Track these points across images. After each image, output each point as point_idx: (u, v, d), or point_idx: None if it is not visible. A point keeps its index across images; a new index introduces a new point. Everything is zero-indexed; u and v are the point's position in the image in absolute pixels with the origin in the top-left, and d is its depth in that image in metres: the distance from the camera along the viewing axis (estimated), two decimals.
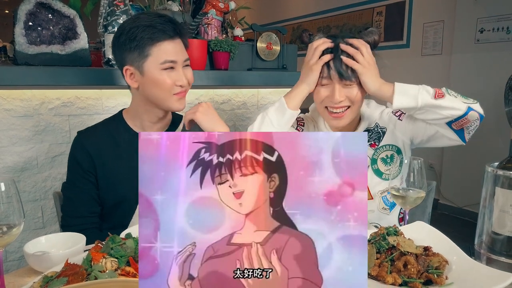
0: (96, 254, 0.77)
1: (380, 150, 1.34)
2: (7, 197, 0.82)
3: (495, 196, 0.95)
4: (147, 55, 1.18)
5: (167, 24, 1.18)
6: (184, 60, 1.23)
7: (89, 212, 1.25)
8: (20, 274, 0.95)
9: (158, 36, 1.17)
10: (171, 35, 1.19)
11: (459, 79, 3.94)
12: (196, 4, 2.18)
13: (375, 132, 1.36)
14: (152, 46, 1.17)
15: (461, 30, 3.89)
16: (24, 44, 1.58)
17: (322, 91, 1.24)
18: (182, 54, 1.22)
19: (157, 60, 1.18)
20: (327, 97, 1.23)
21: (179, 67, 1.21)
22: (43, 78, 1.55)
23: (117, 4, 1.70)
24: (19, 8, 1.57)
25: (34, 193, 1.75)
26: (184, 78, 1.22)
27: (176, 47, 1.20)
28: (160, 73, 1.19)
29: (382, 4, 4.75)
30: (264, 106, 2.32)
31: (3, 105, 1.65)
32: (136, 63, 1.19)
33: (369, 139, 1.36)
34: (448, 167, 4.11)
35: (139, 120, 1.31)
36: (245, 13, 2.65)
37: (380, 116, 1.37)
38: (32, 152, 1.72)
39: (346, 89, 1.21)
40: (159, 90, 1.20)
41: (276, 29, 2.20)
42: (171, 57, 1.19)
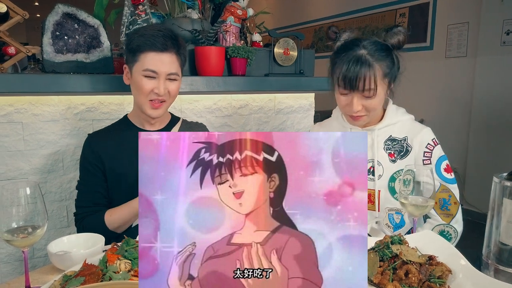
0: (111, 256, 0.82)
1: (402, 173, 1.25)
2: (32, 199, 0.88)
3: (502, 207, 0.95)
4: (135, 60, 1.33)
5: (160, 38, 1.30)
6: (168, 73, 1.33)
7: (92, 203, 1.39)
8: (44, 272, 1.02)
9: (146, 46, 1.30)
10: (160, 48, 1.30)
11: (484, 82, 3.85)
12: (215, 11, 2.23)
13: (399, 145, 1.34)
14: (140, 54, 1.31)
15: (486, 32, 3.80)
16: (52, 53, 1.67)
17: (342, 99, 1.28)
18: (168, 66, 1.33)
19: (141, 66, 1.32)
20: (346, 105, 1.27)
21: (161, 78, 1.32)
22: (69, 85, 1.63)
23: (138, 13, 1.77)
24: (47, 19, 1.65)
25: (60, 193, 1.84)
26: (162, 88, 1.32)
27: (163, 59, 1.31)
28: (141, 79, 1.32)
29: (405, 5, 4.69)
30: (280, 110, 2.35)
31: (32, 110, 1.74)
32: (130, 64, 1.36)
33: (391, 148, 1.34)
34: (472, 172, 4.01)
35: (138, 117, 1.46)
36: (264, 17, 2.68)
37: (416, 134, 1.33)
38: (58, 155, 1.82)
39: (364, 100, 1.24)
40: (138, 93, 1.36)
41: (293, 35, 2.22)
42: (152, 67, 1.31)
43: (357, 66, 1.20)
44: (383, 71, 1.23)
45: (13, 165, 1.73)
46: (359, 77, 1.20)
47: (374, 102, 1.24)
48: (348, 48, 1.25)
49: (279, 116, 2.36)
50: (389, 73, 1.25)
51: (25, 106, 1.73)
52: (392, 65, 1.26)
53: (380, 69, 1.22)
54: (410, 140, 1.33)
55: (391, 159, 1.33)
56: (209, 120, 2.15)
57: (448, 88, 4.24)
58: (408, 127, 1.35)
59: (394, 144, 1.34)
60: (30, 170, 1.76)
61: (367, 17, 5.29)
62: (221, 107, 2.18)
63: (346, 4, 5.64)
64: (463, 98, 4.09)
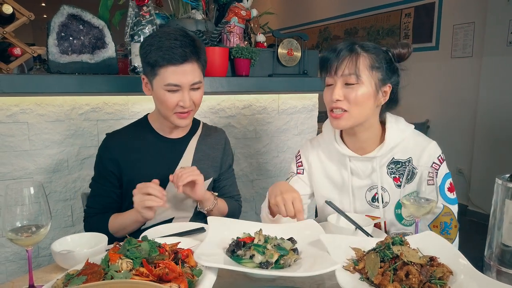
0: (113, 255, 0.83)
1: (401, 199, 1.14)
2: (36, 199, 0.89)
3: (505, 208, 0.94)
4: (156, 74, 1.25)
5: (179, 49, 1.22)
6: (192, 84, 1.27)
7: (102, 206, 1.37)
8: (47, 271, 1.03)
9: (165, 60, 1.22)
10: (179, 60, 1.22)
11: (489, 82, 3.83)
12: (219, 12, 2.24)
13: (404, 167, 1.25)
14: (160, 68, 1.23)
15: (492, 32, 3.78)
16: (57, 53, 1.68)
17: (327, 94, 1.23)
18: (191, 77, 1.26)
19: (162, 81, 1.25)
20: (328, 98, 1.22)
21: (185, 90, 1.26)
22: (74, 85, 1.65)
23: (143, 14, 1.78)
24: (52, 20, 1.67)
25: (65, 193, 1.86)
26: (188, 100, 1.27)
27: (184, 71, 1.24)
28: (164, 93, 1.26)
29: (411, 5, 4.67)
30: (284, 111, 2.36)
31: (37, 110, 1.76)
32: (149, 77, 1.29)
33: (395, 171, 1.26)
34: (477, 173, 3.99)
35: (160, 124, 1.40)
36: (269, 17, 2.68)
37: (421, 153, 1.24)
38: (63, 155, 1.83)
39: (345, 88, 1.18)
40: (162, 107, 1.29)
41: (297, 35, 2.22)
42: (175, 81, 1.24)
43: (341, 50, 1.17)
44: (370, 62, 1.18)
45: (18, 165, 1.75)
46: (341, 59, 1.16)
47: (356, 93, 1.16)
48: (337, 45, 1.22)
49: (282, 116, 2.36)
50: (379, 68, 1.18)
51: (30, 107, 1.74)
52: (385, 64, 1.20)
53: (367, 58, 1.17)
54: (416, 161, 1.24)
55: (396, 184, 1.26)
56: (213, 120, 2.16)
57: (453, 88, 4.21)
58: (412, 145, 1.26)
59: (398, 168, 1.26)
60: (35, 169, 1.78)
61: (372, 17, 5.27)
62: (224, 107, 2.19)
63: (351, 4, 5.63)
64: (468, 98, 4.07)
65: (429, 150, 1.24)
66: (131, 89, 1.76)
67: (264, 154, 2.35)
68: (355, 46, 1.19)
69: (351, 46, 1.19)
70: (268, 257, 0.92)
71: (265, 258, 0.92)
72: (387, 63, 1.21)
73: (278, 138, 2.38)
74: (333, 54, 1.19)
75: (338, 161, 1.34)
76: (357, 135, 1.27)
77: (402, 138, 1.26)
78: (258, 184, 2.36)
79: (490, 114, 3.85)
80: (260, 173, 2.37)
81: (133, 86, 1.75)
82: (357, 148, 1.30)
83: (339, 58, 1.17)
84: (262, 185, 2.37)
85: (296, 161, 1.45)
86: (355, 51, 1.18)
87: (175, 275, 0.79)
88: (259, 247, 0.95)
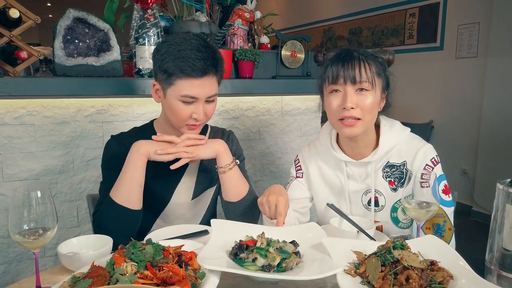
0: (118, 258, 0.84)
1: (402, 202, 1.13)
2: (42, 202, 0.91)
3: (505, 213, 0.95)
4: (171, 83, 1.20)
5: (201, 62, 1.17)
6: (208, 96, 1.23)
7: None
8: (54, 272, 1.05)
9: (185, 72, 1.17)
10: (199, 74, 1.18)
11: (494, 83, 3.81)
12: (223, 14, 2.25)
13: (399, 171, 1.26)
14: (178, 78, 1.19)
15: (497, 32, 3.76)
16: (63, 56, 1.70)
17: (333, 101, 1.19)
18: (208, 90, 1.22)
19: (178, 91, 1.20)
20: (338, 105, 1.18)
21: (200, 102, 1.23)
22: (80, 88, 1.67)
23: (147, 17, 1.79)
24: (58, 23, 1.69)
25: (70, 194, 1.88)
26: (202, 113, 1.23)
27: (203, 84, 1.20)
28: (178, 103, 1.22)
29: (416, 5, 4.66)
30: (287, 112, 2.37)
31: (44, 112, 1.78)
32: (163, 85, 1.24)
33: (391, 175, 1.26)
34: (482, 174, 3.98)
35: (166, 131, 1.36)
36: (273, 18, 2.69)
37: (415, 156, 1.24)
38: (69, 156, 1.86)
39: (358, 95, 1.16)
40: (174, 117, 1.25)
41: (301, 37, 2.23)
42: (192, 93, 1.20)
43: (351, 58, 1.16)
44: (377, 70, 1.19)
45: (25, 166, 1.77)
46: (353, 66, 1.14)
47: (369, 100, 1.16)
48: (339, 53, 1.21)
49: (286, 118, 2.37)
50: (381, 74, 1.20)
51: (37, 109, 1.77)
52: (383, 74, 1.21)
53: (374, 65, 1.18)
54: (410, 164, 1.24)
55: (392, 188, 1.26)
56: (217, 122, 2.17)
57: (458, 88, 4.20)
58: (406, 149, 1.26)
59: (393, 171, 1.26)
60: (42, 171, 1.81)
61: (377, 17, 5.26)
62: (228, 109, 2.20)
63: (355, 4, 5.62)
64: (473, 98, 4.05)
65: (422, 152, 1.23)
66: (136, 91, 1.78)
67: (267, 155, 2.37)
68: (359, 54, 1.19)
69: (357, 54, 1.19)
70: (270, 260, 0.93)
71: (267, 261, 0.93)
72: (384, 70, 1.23)
73: (282, 140, 2.39)
74: (344, 62, 1.17)
75: (335, 166, 1.35)
76: (358, 141, 1.27)
77: (397, 141, 1.25)
78: (262, 185, 2.38)
79: (494, 115, 3.83)
80: (264, 174, 2.38)
81: (137, 88, 1.77)
82: (354, 154, 1.30)
83: (353, 66, 1.16)
84: (266, 186, 2.39)
85: (295, 165, 1.46)
86: (363, 59, 1.18)
87: (179, 278, 0.81)
88: (262, 250, 0.96)
